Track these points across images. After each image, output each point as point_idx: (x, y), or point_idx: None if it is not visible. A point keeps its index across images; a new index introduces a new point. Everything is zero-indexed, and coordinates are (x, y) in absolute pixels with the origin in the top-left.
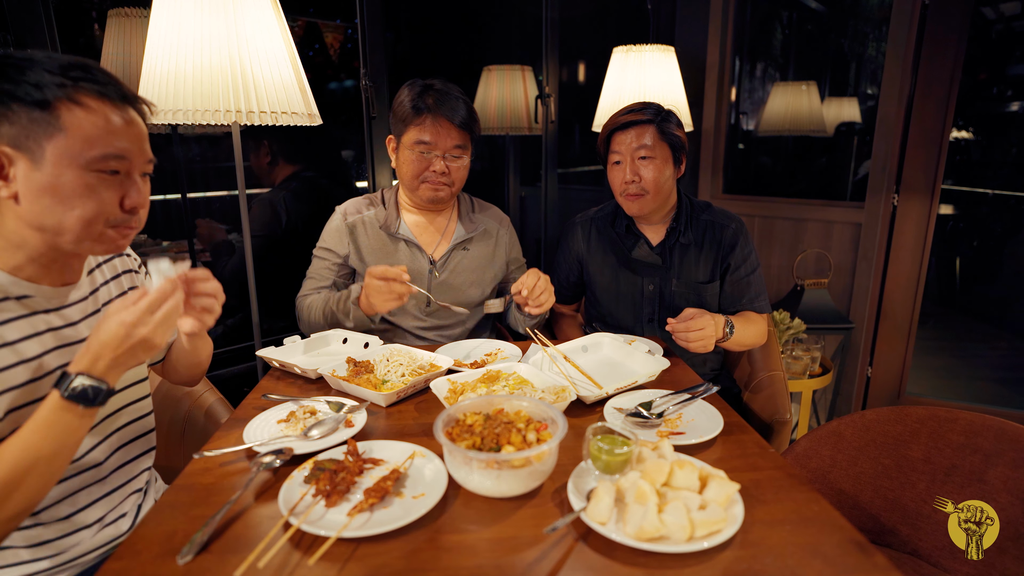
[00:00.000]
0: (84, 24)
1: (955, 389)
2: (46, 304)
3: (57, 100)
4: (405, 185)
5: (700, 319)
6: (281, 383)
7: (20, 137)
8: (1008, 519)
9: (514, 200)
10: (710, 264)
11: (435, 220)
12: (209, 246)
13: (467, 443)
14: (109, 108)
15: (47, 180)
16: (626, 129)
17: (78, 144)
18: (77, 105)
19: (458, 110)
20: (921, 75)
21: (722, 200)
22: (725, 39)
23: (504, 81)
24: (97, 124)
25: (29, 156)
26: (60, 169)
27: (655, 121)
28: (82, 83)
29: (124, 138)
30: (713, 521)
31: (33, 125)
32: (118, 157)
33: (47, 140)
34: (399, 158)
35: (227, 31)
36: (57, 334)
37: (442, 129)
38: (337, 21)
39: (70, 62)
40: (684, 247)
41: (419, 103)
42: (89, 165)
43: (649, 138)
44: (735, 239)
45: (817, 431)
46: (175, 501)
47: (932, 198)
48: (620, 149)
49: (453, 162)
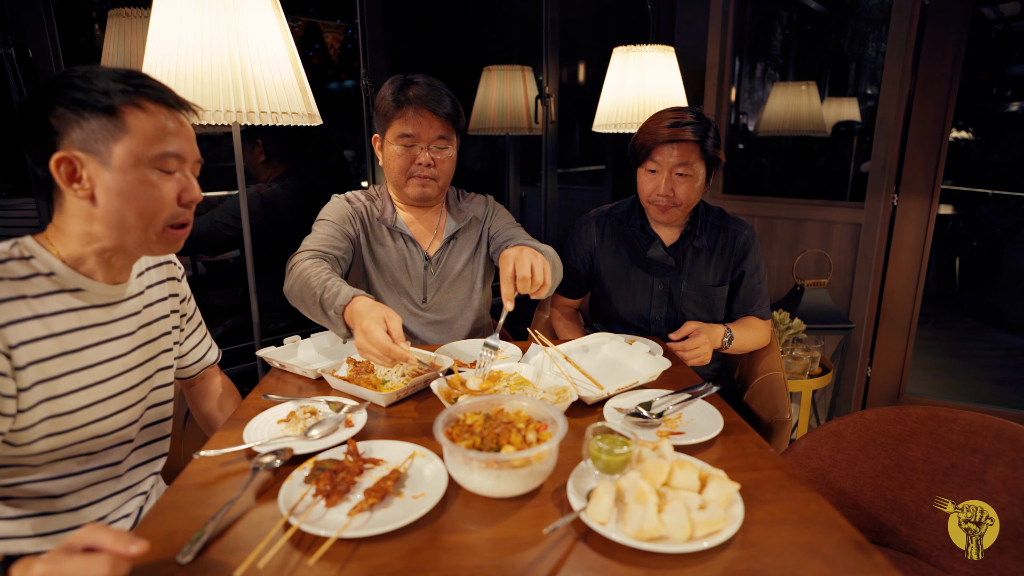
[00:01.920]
0: (84, 24)
1: (955, 389)
2: (97, 299)
3: (123, 105)
4: (393, 183)
5: (697, 338)
6: (281, 383)
7: (90, 141)
8: (1008, 519)
9: (514, 200)
10: (721, 269)
11: (426, 216)
12: None
13: (467, 443)
14: (165, 112)
15: (116, 179)
16: (671, 144)
17: (141, 144)
18: (139, 109)
19: (440, 101)
20: (921, 75)
21: (722, 200)
22: (725, 39)
23: (504, 81)
24: (156, 125)
25: (98, 158)
26: (127, 168)
27: (699, 141)
28: (142, 89)
29: (179, 138)
30: (713, 521)
31: (102, 129)
32: (176, 156)
33: (114, 142)
34: (385, 155)
35: (227, 31)
36: (102, 329)
37: (424, 120)
38: (337, 21)
39: (128, 71)
40: (697, 250)
41: (400, 96)
42: (151, 163)
43: (692, 156)
44: (747, 246)
45: (817, 431)
46: (175, 501)
47: (932, 198)
48: (660, 161)
49: (438, 153)
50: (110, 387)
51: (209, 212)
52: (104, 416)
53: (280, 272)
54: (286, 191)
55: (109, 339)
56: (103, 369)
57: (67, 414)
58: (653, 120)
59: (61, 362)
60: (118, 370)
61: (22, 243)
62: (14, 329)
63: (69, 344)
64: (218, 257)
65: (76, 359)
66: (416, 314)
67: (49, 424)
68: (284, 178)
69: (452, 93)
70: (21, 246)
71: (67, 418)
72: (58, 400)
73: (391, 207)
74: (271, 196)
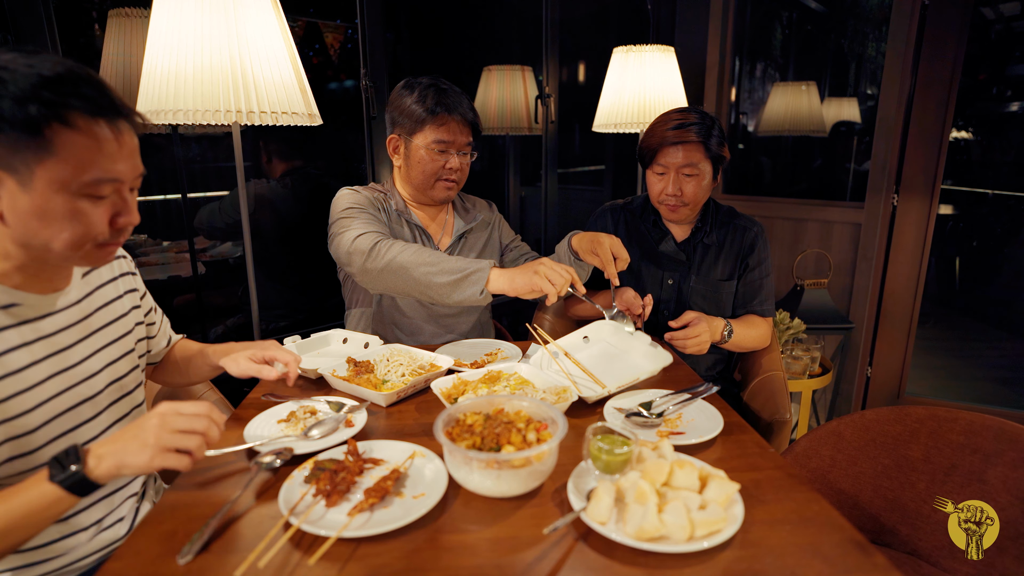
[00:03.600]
0: (84, 24)
1: (955, 389)
2: (34, 312)
3: (47, 122)
4: (416, 185)
5: (697, 326)
6: (281, 383)
7: (7, 157)
8: (1008, 519)
9: (514, 200)
10: (730, 264)
11: (436, 215)
12: None
13: (467, 443)
14: (102, 127)
15: (36, 203)
16: (676, 146)
17: (70, 170)
18: (68, 127)
19: (468, 108)
20: (921, 75)
21: (722, 200)
22: (725, 39)
23: (504, 81)
24: (90, 147)
25: (16, 178)
26: (50, 194)
27: (704, 141)
28: (72, 100)
29: (118, 160)
30: (713, 521)
31: (21, 146)
32: (112, 180)
33: (37, 164)
34: (411, 158)
35: (227, 31)
36: (48, 341)
37: (458, 127)
38: (337, 21)
39: (59, 74)
40: (707, 247)
41: (434, 104)
42: (80, 190)
43: (697, 156)
44: (755, 241)
45: (817, 431)
46: (175, 501)
47: (932, 198)
48: (666, 163)
49: (463, 159)
50: (68, 399)
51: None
52: (70, 428)
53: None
54: (286, 189)
55: (57, 350)
56: (56, 382)
57: (27, 434)
58: (659, 122)
59: (7, 384)
60: (75, 379)
61: None
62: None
63: (12, 364)
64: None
65: (23, 378)
66: (424, 305)
67: (10, 447)
68: (285, 177)
69: None
70: None
71: (28, 439)
72: (13, 422)
73: (402, 203)
74: (271, 194)
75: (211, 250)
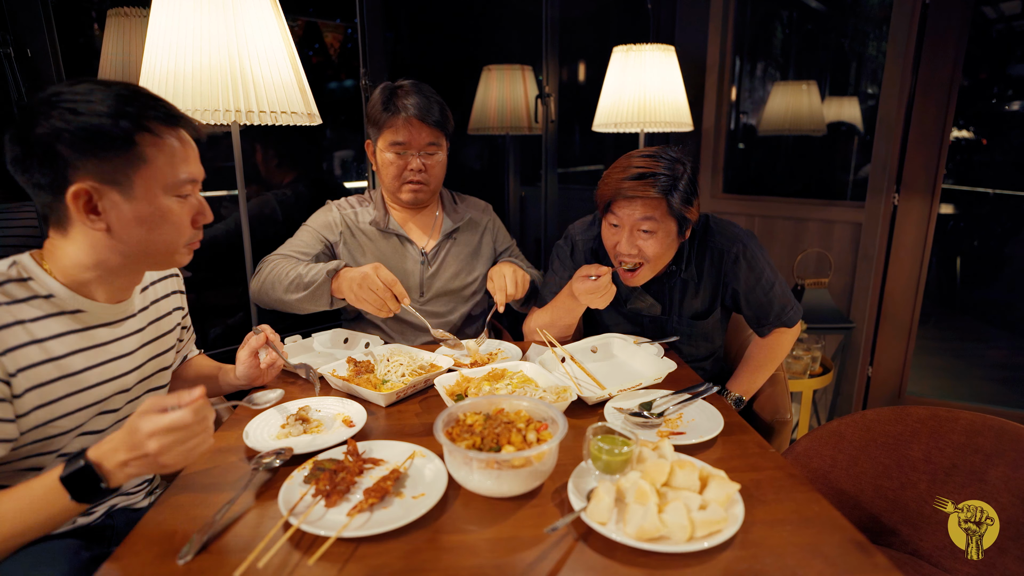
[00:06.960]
0: (84, 24)
1: (955, 389)
2: (97, 320)
3: (138, 132)
4: (386, 187)
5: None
6: (281, 383)
7: (108, 172)
8: (1008, 519)
9: (514, 200)
10: (708, 294)
11: (421, 216)
12: None
13: (467, 443)
14: (175, 133)
15: (137, 210)
16: (632, 200)
17: (161, 173)
18: (153, 135)
19: (429, 108)
20: (921, 75)
21: (722, 200)
22: (725, 39)
23: (504, 81)
24: (172, 151)
25: (119, 190)
26: (148, 198)
27: (666, 196)
28: (149, 110)
29: (191, 161)
30: (713, 521)
31: (121, 161)
32: (192, 181)
33: (134, 173)
34: (378, 161)
35: (227, 31)
36: (104, 349)
37: (414, 128)
38: (337, 21)
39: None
40: (684, 282)
41: (389, 105)
42: (171, 190)
43: (656, 212)
44: (736, 265)
45: (817, 431)
46: (175, 501)
47: (932, 198)
48: (620, 215)
49: (428, 159)
50: (109, 403)
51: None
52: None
53: None
54: (294, 196)
55: (112, 358)
56: (104, 388)
57: (59, 435)
58: (617, 167)
59: (62, 385)
60: (117, 389)
61: (20, 263)
62: (12, 356)
63: (69, 367)
64: None
65: (77, 381)
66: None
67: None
68: (295, 184)
69: (440, 98)
70: (19, 266)
71: (58, 439)
72: (55, 423)
73: (384, 210)
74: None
75: None
